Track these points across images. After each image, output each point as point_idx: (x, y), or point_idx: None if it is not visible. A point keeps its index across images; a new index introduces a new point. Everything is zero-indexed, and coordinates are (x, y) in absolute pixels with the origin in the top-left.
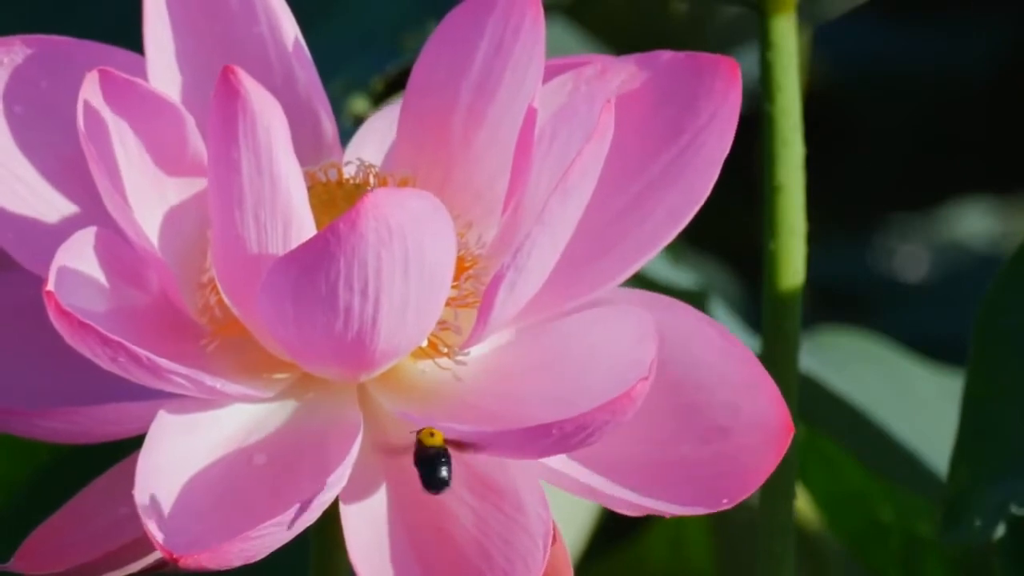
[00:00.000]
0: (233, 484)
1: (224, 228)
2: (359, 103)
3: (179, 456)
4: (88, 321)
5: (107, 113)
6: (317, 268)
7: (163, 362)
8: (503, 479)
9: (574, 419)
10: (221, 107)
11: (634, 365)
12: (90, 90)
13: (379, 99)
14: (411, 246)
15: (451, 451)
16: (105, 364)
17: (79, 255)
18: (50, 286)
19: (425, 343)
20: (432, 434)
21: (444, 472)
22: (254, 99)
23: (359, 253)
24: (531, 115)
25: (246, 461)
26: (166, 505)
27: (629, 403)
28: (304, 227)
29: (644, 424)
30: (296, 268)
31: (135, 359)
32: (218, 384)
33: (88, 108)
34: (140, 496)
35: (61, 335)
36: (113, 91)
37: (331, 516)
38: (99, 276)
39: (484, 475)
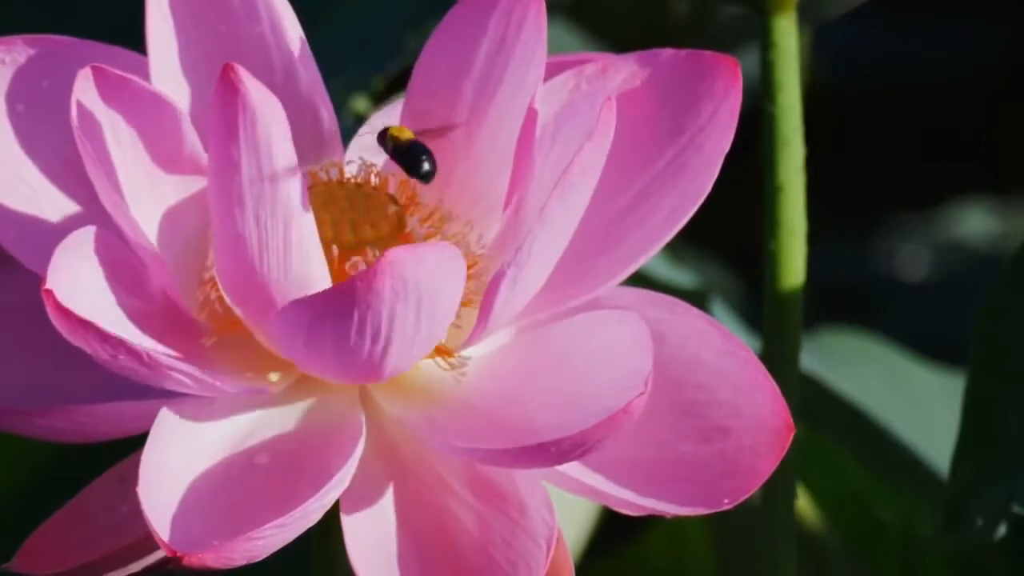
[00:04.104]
0: (237, 483)
1: (224, 227)
2: (360, 102)
3: (183, 454)
4: (87, 318)
5: (102, 110)
6: (332, 319)
7: (163, 359)
8: (506, 483)
9: (572, 437)
10: (221, 105)
11: (631, 374)
12: (84, 87)
13: (380, 99)
14: (424, 295)
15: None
16: (105, 361)
17: (78, 253)
18: (49, 284)
19: None
20: (401, 131)
21: (426, 162)
22: (254, 96)
23: (374, 308)
24: (532, 114)
25: (249, 460)
26: (170, 503)
27: (626, 418)
28: (304, 226)
29: (645, 424)
30: (310, 314)
31: (135, 356)
32: (218, 381)
33: (82, 105)
34: (144, 494)
35: (61, 333)
36: (107, 88)
37: (334, 515)
38: (98, 274)
39: (487, 478)
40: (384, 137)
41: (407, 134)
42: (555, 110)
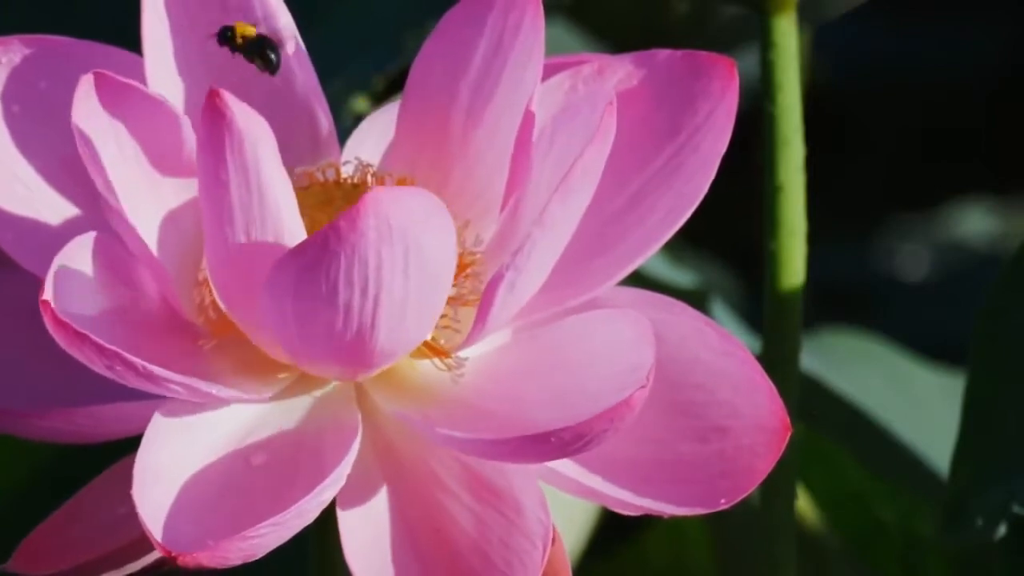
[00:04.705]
0: (232, 483)
1: (216, 245)
2: (360, 103)
3: (178, 455)
4: (84, 330)
5: (102, 116)
6: (318, 265)
7: (158, 370)
8: (502, 482)
9: (573, 428)
10: (208, 129)
11: (632, 369)
12: (85, 93)
13: (380, 99)
14: (411, 244)
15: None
16: (101, 371)
17: (75, 261)
18: (46, 295)
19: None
20: (245, 27)
21: (273, 54)
22: (240, 120)
23: (359, 250)
24: (529, 116)
25: (244, 460)
26: (165, 504)
27: (628, 411)
28: (296, 241)
29: (643, 424)
30: (297, 265)
31: (131, 367)
32: (214, 389)
33: (83, 111)
34: (139, 495)
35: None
36: (108, 93)
37: (331, 514)
38: (95, 281)
39: (483, 477)
40: (228, 35)
41: (251, 30)
42: (553, 111)
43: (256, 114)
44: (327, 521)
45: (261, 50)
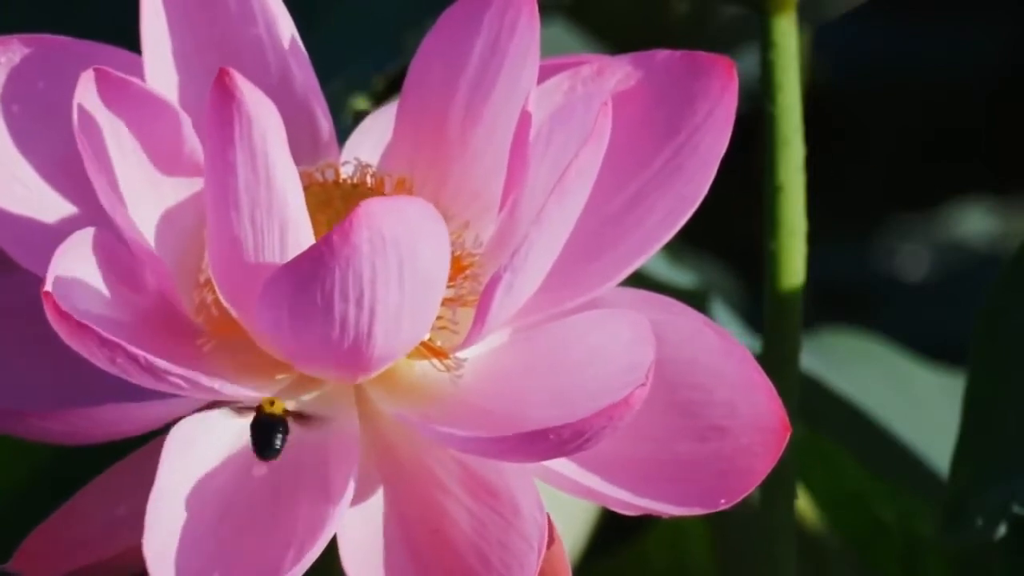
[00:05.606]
0: (233, 520)
1: (220, 231)
2: (360, 103)
3: (188, 485)
4: (86, 322)
5: (102, 112)
6: (312, 280)
7: (160, 363)
8: (500, 482)
9: (571, 425)
10: (217, 110)
11: (631, 369)
12: (85, 89)
13: (380, 99)
14: (405, 254)
15: (303, 423)
16: (103, 365)
17: (77, 256)
18: (48, 287)
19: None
20: (272, 403)
21: (278, 441)
22: (250, 101)
23: (353, 264)
24: (525, 116)
25: (246, 479)
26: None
27: (627, 409)
28: (300, 230)
29: (641, 424)
30: (291, 280)
31: (133, 360)
32: (215, 384)
33: (83, 107)
34: (150, 548)
35: (59, 335)
36: (109, 90)
37: None
38: (96, 277)
39: (480, 477)
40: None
41: (279, 406)
42: (551, 112)
43: (265, 97)
44: None
45: (271, 429)
